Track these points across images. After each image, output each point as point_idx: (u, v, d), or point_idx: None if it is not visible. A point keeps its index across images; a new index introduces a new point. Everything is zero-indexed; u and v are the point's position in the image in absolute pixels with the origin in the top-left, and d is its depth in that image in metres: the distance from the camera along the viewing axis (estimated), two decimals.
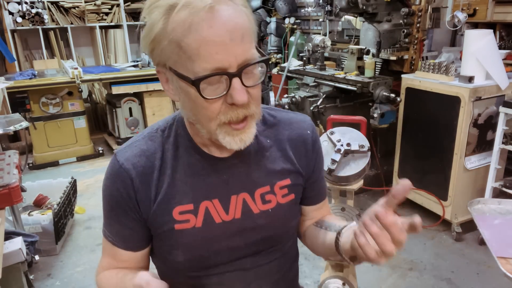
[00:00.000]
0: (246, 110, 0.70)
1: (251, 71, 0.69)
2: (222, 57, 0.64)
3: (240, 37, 0.65)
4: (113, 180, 0.80)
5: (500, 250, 1.18)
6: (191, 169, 0.80)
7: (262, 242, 0.85)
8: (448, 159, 2.58)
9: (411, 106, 2.82)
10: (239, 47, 0.65)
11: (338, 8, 2.90)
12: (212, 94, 0.67)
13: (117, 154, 0.81)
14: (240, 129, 0.71)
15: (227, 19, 0.64)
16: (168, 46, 0.67)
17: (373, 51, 3.00)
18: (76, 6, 4.68)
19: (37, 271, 2.44)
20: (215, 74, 0.65)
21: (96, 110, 5.19)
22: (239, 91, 0.66)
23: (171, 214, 0.79)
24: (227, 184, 0.81)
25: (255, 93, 0.71)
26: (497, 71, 2.46)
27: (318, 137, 0.92)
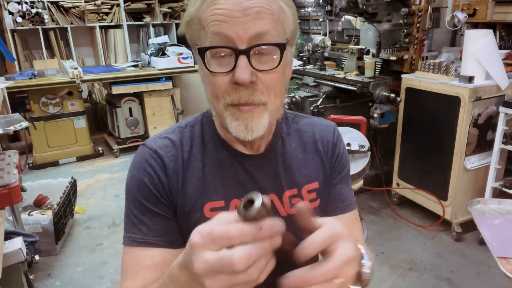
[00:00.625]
0: (251, 94, 0.66)
1: (267, 55, 0.66)
2: (230, 26, 0.62)
3: (255, 13, 0.63)
4: (144, 167, 0.76)
5: (500, 250, 1.18)
6: (221, 165, 0.78)
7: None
8: (448, 159, 2.58)
9: (411, 106, 2.82)
10: (252, 22, 0.63)
11: (338, 8, 2.90)
12: (217, 68, 0.66)
13: (147, 143, 0.79)
14: (246, 112, 0.67)
15: None
16: (194, 24, 0.67)
17: (373, 51, 3.00)
18: (76, 6, 4.67)
19: (37, 271, 2.44)
20: (221, 46, 0.64)
21: (96, 110, 5.19)
22: (242, 69, 0.63)
23: (202, 211, 0.75)
24: (256, 183, 0.79)
25: (267, 80, 0.67)
26: (497, 71, 2.46)
27: (342, 142, 0.89)
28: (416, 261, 2.44)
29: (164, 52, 4.44)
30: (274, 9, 0.65)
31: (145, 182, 0.75)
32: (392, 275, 2.34)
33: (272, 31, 0.65)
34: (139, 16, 5.04)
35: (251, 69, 0.64)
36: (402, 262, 2.44)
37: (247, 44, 0.63)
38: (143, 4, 4.96)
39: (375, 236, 2.70)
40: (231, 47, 0.63)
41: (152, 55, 4.43)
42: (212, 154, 0.78)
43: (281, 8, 0.68)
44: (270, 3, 0.65)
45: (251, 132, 0.68)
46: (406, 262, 2.44)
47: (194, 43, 0.70)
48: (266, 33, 0.64)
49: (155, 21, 5.09)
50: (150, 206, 0.75)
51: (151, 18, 5.08)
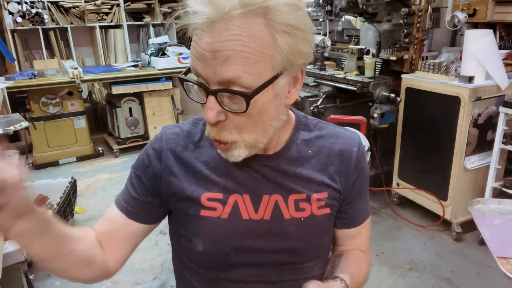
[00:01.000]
0: (217, 133, 0.68)
1: (238, 98, 0.64)
2: (201, 67, 0.63)
3: (224, 57, 0.60)
4: (154, 143, 0.82)
5: (500, 250, 1.18)
6: (226, 161, 0.77)
7: (289, 253, 0.80)
8: (448, 159, 2.58)
9: (411, 106, 2.82)
10: (220, 66, 0.61)
11: (338, 8, 2.90)
12: (195, 98, 0.69)
13: (163, 128, 0.85)
14: (220, 148, 0.71)
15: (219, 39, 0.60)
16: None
17: (373, 51, 3.00)
18: (76, 6, 4.67)
19: (37, 271, 2.44)
20: (194, 82, 0.66)
21: (96, 110, 5.19)
22: (208, 108, 0.64)
23: (199, 198, 0.77)
24: (260, 182, 0.78)
25: (236, 120, 0.66)
26: (497, 71, 2.46)
27: (365, 157, 0.87)
28: (416, 261, 2.44)
29: (164, 52, 4.44)
30: (252, 50, 0.61)
31: (149, 154, 0.82)
32: (392, 275, 2.34)
33: (244, 76, 0.61)
34: (139, 16, 5.03)
35: (219, 109, 0.64)
36: (402, 262, 2.44)
37: (217, 85, 0.63)
38: (143, 4, 4.96)
39: (375, 236, 2.70)
40: (203, 85, 0.64)
41: (152, 55, 4.44)
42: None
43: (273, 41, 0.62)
44: (248, 43, 0.60)
45: (230, 158, 0.71)
46: (406, 262, 2.44)
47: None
48: (236, 79, 0.61)
49: (155, 21, 5.09)
50: (135, 179, 0.83)
51: (151, 18, 5.08)
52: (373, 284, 2.26)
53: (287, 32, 0.63)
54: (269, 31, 0.62)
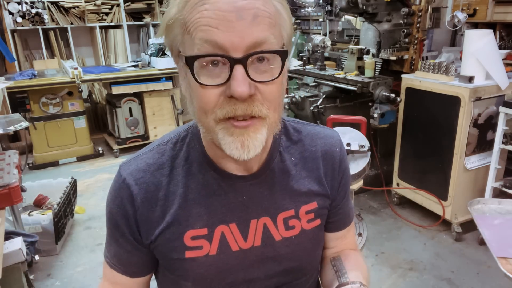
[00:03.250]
0: (249, 107, 0.58)
1: (265, 64, 0.57)
2: (223, 33, 0.54)
3: (251, 16, 0.54)
4: (115, 196, 0.73)
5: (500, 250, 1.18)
6: (206, 188, 0.70)
7: (284, 274, 0.75)
8: (448, 159, 2.58)
9: (411, 106, 2.82)
10: (248, 27, 0.54)
11: (338, 8, 2.90)
12: (207, 81, 0.57)
13: (121, 167, 0.73)
14: (240, 127, 0.59)
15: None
16: (176, 26, 0.59)
17: (373, 51, 3.01)
18: (76, 6, 4.67)
19: (37, 271, 2.44)
20: (213, 54, 0.55)
21: (96, 110, 5.19)
22: (239, 81, 0.55)
23: (182, 239, 0.69)
24: (247, 207, 0.71)
25: (266, 91, 0.58)
26: (497, 71, 2.46)
27: (346, 155, 0.82)
28: (416, 261, 2.44)
29: (164, 52, 4.44)
30: (270, 12, 0.57)
31: (114, 213, 0.73)
32: (392, 275, 2.34)
33: (271, 38, 0.56)
34: (139, 16, 5.04)
35: (249, 81, 0.56)
36: (402, 262, 2.44)
37: (243, 52, 0.55)
38: (143, 4, 4.96)
39: (375, 236, 2.70)
40: (225, 56, 0.55)
41: (152, 55, 4.44)
42: (196, 176, 0.71)
43: (277, 10, 0.59)
44: (265, 3, 0.56)
45: (247, 150, 0.60)
46: (406, 262, 2.44)
47: (176, 49, 0.62)
48: (265, 41, 0.56)
49: (155, 21, 5.09)
50: (116, 236, 0.75)
51: (151, 18, 5.08)
52: (373, 284, 2.26)
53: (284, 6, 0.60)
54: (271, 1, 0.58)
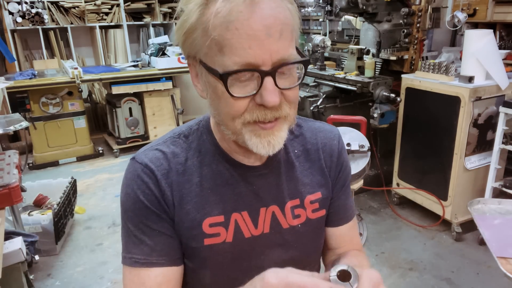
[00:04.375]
0: (277, 112, 0.64)
1: (288, 72, 0.63)
2: (255, 52, 0.58)
3: (278, 33, 0.59)
4: (137, 184, 0.71)
5: (500, 250, 1.18)
6: (220, 178, 0.74)
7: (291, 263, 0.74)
8: (448, 159, 2.58)
9: (411, 106, 2.82)
10: (276, 44, 0.59)
11: (338, 8, 2.90)
12: (240, 92, 0.61)
13: (137, 157, 0.74)
14: (267, 129, 0.64)
15: (267, 14, 0.58)
16: (200, 37, 0.61)
17: (373, 51, 3.00)
18: (76, 6, 4.67)
19: (37, 271, 2.44)
20: (246, 69, 0.59)
21: (96, 110, 5.19)
22: (270, 92, 0.60)
23: (201, 227, 0.72)
24: (257, 195, 0.75)
25: (290, 96, 0.64)
26: (497, 71, 2.46)
27: (345, 149, 0.87)
28: (416, 261, 2.44)
29: (164, 52, 4.45)
30: (289, 22, 0.61)
31: (141, 200, 0.71)
32: (392, 275, 2.33)
33: (294, 52, 0.62)
34: (139, 16, 5.03)
35: (278, 90, 0.61)
36: (402, 262, 2.44)
37: (271, 66, 0.60)
38: (143, 4, 4.96)
39: (375, 236, 2.70)
40: (256, 70, 0.59)
41: (152, 55, 4.44)
42: (210, 166, 0.74)
43: (292, 14, 0.63)
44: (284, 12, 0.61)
45: (272, 148, 0.66)
46: (406, 262, 2.44)
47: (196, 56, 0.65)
48: (288, 57, 0.61)
49: (155, 21, 5.09)
50: (151, 225, 0.72)
51: (151, 18, 5.08)
52: None
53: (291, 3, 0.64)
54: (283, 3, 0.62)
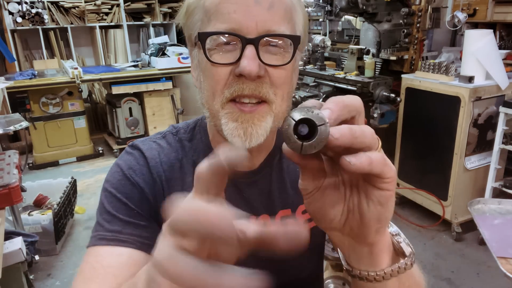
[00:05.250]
0: (257, 87, 0.58)
1: (277, 49, 0.58)
2: (239, 17, 0.56)
3: (268, 3, 0.56)
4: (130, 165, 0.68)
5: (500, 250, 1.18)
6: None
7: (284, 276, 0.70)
8: (448, 159, 2.58)
9: (411, 106, 2.82)
10: (264, 14, 0.56)
11: (338, 8, 2.90)
12: (220, 59, 0.58)
13: (134, 144, 0.72)
14: (246, 112, 0.58)
15: None
16: (196, 13, 0.61)
17: (373, 51, 3.00)
18: (76, 6, 4.67)
19: (37, 271, 2.44)
20: (225, 32, 0.56)
21: (96, 110, 5.19)
22: (248, 59, 0.55)
23: None
24: (247, 203, 0.71)
25: (275, 75, 0.59)
26: (497, 71, 2.46)
27: None
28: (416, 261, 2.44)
29: (164, 52, 4.45)
30: (286, 5, 0.59)
31: (129, 177, 0.68)
32: None
33: (284, 23, 0.58)
34: (139, 16, 5.03)
35: (259, 62, 0.57)
36: None
37: (256, 35, 0.56)
38: (143, 4, 4.96)
39: None
40: (238, 35, 0.56)
41: (152, 55, 4.44)
42: None
43: (293, 4, 0.61)
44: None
45: (249, 138, 0.59)
46: None
47: (193, 36, 0.63)
48: (277, 25, 0.57)
49: (155, 21, 5.09)
50: (130, 204, 0.66)
51: (151, 18, 5.08)
52: None
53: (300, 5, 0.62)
54: None
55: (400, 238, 0.49)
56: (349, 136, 0.35)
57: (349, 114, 0.38)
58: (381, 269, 0.45)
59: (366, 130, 0.37)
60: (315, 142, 0.34)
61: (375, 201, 0.39)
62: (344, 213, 0.43)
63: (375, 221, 0.41)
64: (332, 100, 0.37)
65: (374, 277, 0.45)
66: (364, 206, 0.40)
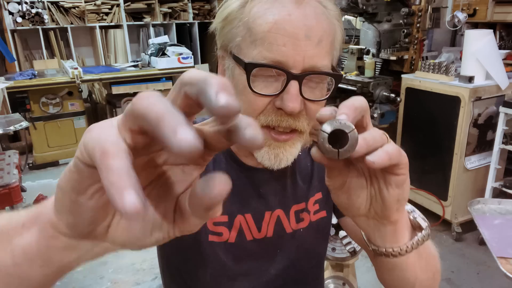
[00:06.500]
0: (294, 121, 0.60)
1: (316, 84, 0.60)
2: (288, 51, 0.55)
3: (317, 39, 0.56)
4: None
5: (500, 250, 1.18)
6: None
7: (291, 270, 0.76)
8: (448, 159, 2.58)
9: (411, 106, 2.82)
10: (312, 49, 0.56)
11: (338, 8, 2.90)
12: (262, 89, 0.58)
13: None
14: (280, 141, 0.61)
15: (311, 15, 0.56)
16: (237, 26, 0.60)
17: (373, 51, 3.00)
18: (76, 6, 4.67)
19: None
20: (273, 66, 0.56)
21: (96, 110, 5.19)
22: (292, 96, 0.56)
23: (205, 223, 0.69)
24: (263, 199, 0.73)
25: (312, 109, 0.60)
26: (497, 71, 2.46)
27: None
28: None
29: (164, 52, 4.44)
30: (332, 36, 0.60)
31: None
32: None
33: (328, 62, 0.60)
34: (139, 16, 5.03)
35: (301, 98, 0.58)
36: None
37: (301, 70, 0.57)
38: (143, 4, 4.96)
39: None
40: (285, 70, 0.56)
41: (152, 55, 4.43)
42: (220, 164, 0.73)
43: (336, 32, 0.61)
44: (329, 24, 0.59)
45: (279, 162, 0.62)
46: None
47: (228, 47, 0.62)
48: (321, 67, 0.58)
49: (155, 21, 5.08)
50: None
51: (151, 18, 5.08)
52: (373, 284, 2.26)
53: (338, 20, 0.62)
54: (330, 15, 0.60)
55: (416, 214, 0.54)
56: (365, 146, 0.40)
57: (360, 115, 0.41)
58: (404, 243, 0.50)
59: (375, 134, 0.41)
60: (349, 147, 0.39)
61: (393, 186, 0.44)
62: (368, 200, 0.47)
63: (395, 202, 0.45)
64: (345, 105, 0.41)
65: (399, 252, 0.50)
66: (384, 191, 0.45)
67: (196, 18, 5.30)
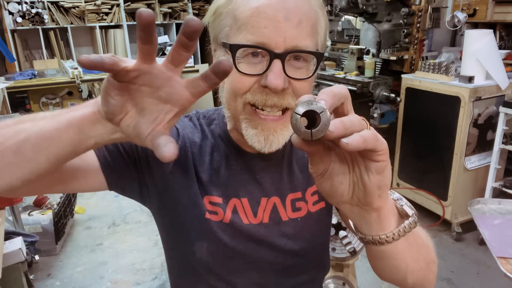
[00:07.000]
0: (279, 99, 0.63)
1: (302, 64, 0.63)
2: (269, 32, 0.59)
3: (297, 20, 0.60)
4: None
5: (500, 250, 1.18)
6: (226, 162, 0.75)
7: (289, 255, 0.77)
8: (448, 159, 2.58)
9: (411, 106, 2.82)
10: (292, 30, 0.60)
11: (338, 8, 2.90)
12: (247, 69, 0.62)
13: None
14: (267, 121, 0.64)
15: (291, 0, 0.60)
16: (225, 17, 0.64)
17: (373, 51, 3.00)
18: (76, 6, 4.67)
19: (37, 271, 2.44)
20: (255, 46, 0.60)
21: None
22: (275, 74, 0.60)
23: (203, 200, 0.73)
24: (260, 185, 0.75)
25: (298, 87, 0.63)
26: (497, 71, 2.46)
27: None
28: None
29: (164, 52, 4.45)
30: (313, 20, 0.63)
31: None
32: None
33: (310, 40, 0.62)
34: None
35: (284, 75, 0.61)
36: None
37: (283, 50, 0.60)
38: (143, 4, 4.96)
39: None
40: (267, 49, 0.60)
41: None
42: (219, 150, 0.76)
43: (318, 17, 0.64)
44: (310, 10, 0.62)
45: (269, 144, 0.65)
46: None
47: (219, 38, 0.66)
48: (304, 42, 0.61)
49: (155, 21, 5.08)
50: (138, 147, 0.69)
51: None
52: (373, 284, 2.26)
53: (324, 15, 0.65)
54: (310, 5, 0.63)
55: (402, 202, 0.55)
56: (341, 127, 0.41)
57: (339, 101, 0.44)
58: (390, 231, 0.51)
59: (353, 118, 0.43)
60: (321, 127, 0.41)
61: (373, 172, 0.46)
62: (350, 186, 0.49)
63: (376, 189, 0.47)
64: (323, 92, 0.43)
65: (385, 239, 0.51)
66: (365, 177, 0.46)
67: None
